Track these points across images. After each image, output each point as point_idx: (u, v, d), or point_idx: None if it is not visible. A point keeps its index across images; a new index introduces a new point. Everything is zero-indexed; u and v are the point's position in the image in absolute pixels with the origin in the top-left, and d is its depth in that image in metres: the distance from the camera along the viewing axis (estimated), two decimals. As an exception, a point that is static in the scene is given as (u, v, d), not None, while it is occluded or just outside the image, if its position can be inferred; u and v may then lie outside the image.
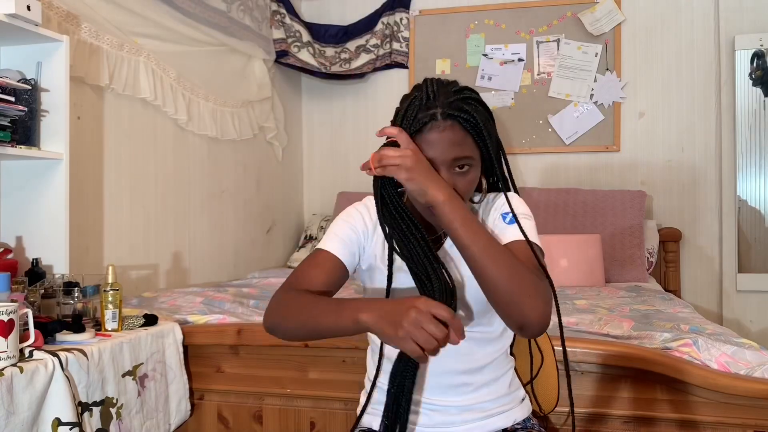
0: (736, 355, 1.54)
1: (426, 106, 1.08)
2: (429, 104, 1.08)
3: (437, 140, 1.08)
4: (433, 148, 1.08)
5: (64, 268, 1.85)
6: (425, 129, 1.08)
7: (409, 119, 1.09)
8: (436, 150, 1.08)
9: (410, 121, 1.09)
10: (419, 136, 1.09)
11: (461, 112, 1.08)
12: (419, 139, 1.09)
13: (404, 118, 1.10)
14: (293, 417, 1.82)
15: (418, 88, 1.12)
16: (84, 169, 2.21)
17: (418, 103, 1.09)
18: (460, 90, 1.11)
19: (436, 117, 1.07)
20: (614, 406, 1.58)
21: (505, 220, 1.14)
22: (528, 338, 1.08)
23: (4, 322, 1.27)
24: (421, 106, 1.09)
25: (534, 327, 1.01)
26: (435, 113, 1.08)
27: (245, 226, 3.37)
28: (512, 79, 3.64)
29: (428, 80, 1.13)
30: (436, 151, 1.08)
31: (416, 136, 1.09)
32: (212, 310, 2.09)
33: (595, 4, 3.52)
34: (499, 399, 1.19)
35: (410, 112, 1.09)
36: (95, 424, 1.44)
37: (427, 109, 1.08)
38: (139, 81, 2.47)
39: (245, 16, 3.28)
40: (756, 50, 3.29)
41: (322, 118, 3.98)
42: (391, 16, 3.78)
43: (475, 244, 1.02)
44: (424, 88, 1.11)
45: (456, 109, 1.07)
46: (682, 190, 3.45)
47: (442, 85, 1.11)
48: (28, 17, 1.71)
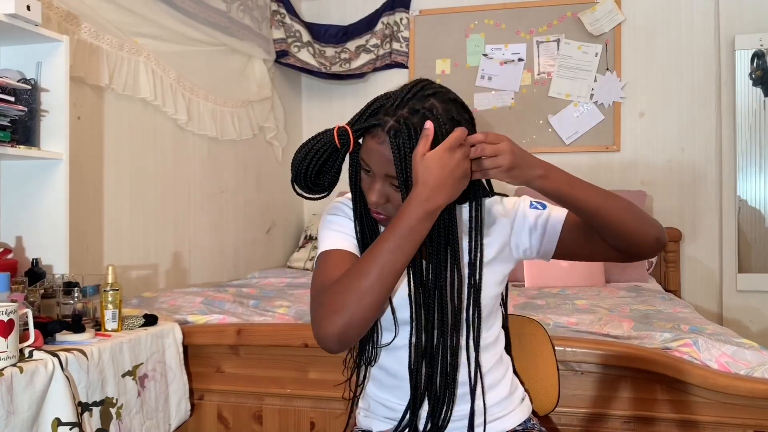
0: (736, 355, 1.54)
1: (386, 110, 1.02)
2: (388, 110, 1.02)
3: (375, 150, 1.03)
4: (369, 157, 1.04)
5: (64, 268, 1.85)
6: (371, 131, 1.03)
7: (365, 116, 1.04)
8: (371, 159, 1.04)
9: (365, 118, 1.04)
10: (365, 137, 1.05)
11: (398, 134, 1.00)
12: (364, 140, 1.05)
13: (363, 112, 1.04)
14: (293, 417, 1.82)
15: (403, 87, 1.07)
16: (84, 169, 2.21)
17: (382, 102, 1.04)
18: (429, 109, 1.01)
19: (383, 125, 1.01)
20: (614, 406, 1.58)
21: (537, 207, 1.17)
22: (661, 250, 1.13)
23: (4, 322, 1.27)
24: (382, 108, 1.03)
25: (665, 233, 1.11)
26: (385, 121, 1.01)
27: (245, 226, 3.37)
28: (512, 79, 3.64)
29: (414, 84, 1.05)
30: (371, 160, 1.04)
31: (365, 137, 1.05)
32: (212, 310, 2.09)
33: (595, 4, 3.51)
34: (501, 403, 1.18)
35: (370, 109, 1.04)
36: (95, 424, 1.44)
37: (384, 113, 1.02)
38: (139, 81, 2.47)
39: (245, 16, 3.28)
40: (756, 50, 3.29)
41: (322, 118, 3.98)
42: (391, 16, 3.78)
43: (590, 196, 1.06)
44: (400, 92, 1.04)
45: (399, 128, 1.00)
46: (682, 190, 3.45)
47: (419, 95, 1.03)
48: (28, 17, 1.71)
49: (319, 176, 1.07)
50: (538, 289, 2.78)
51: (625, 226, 1.07)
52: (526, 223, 1.16)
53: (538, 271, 2.95)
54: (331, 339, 0.97)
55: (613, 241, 1.10)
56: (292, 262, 3.62)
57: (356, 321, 0.96)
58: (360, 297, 0.96)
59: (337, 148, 1.04)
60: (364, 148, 1.06)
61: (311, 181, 1.07)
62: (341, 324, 0.96)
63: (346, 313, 0.96)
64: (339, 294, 0.98)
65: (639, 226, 1.08)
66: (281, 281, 2.98)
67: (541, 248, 1.17)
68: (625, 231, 1.07)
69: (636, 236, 1.08)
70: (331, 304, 0.98)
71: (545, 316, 1.88)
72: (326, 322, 0.97)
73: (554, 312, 2.00)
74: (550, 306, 2.16)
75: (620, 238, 1.08)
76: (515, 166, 1.01)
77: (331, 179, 1.09)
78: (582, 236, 1.14)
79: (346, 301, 0.96)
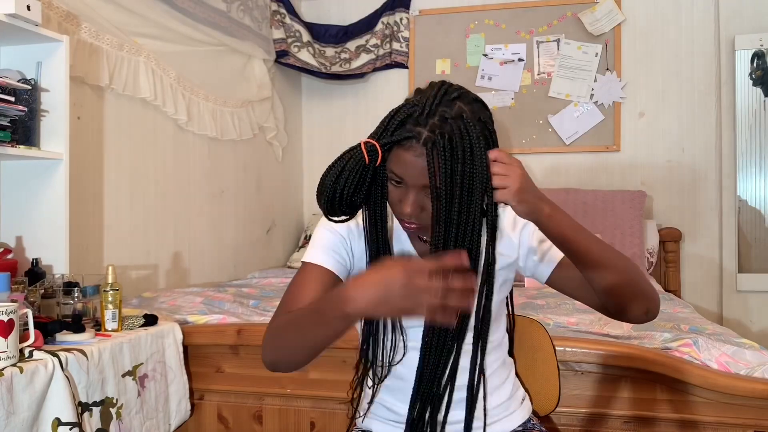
0: (736, 355, 1.54)
1: (415, 120, 0.98)
2: (419, 120, 0.98)
3: (411, 163, 0.99)
4: (405, 169, 1.00)
5: (64, 268, 1.85)
6: (404, 144, 0.99)
7: (392, 128, 0.99)
8: (407, 172, 1.00)
9: (392, 130, 0.99)
10: (396, 149, 1.00)
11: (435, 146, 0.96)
12: (395, 152, 1.00)
13: (388, 124, 1.00)
14: (293, 417, 1.82)
15: (420, 92, 1.04)
16: (84, 169, 2.21)
17: (408, 112, 0.99)
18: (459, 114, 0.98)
19: (418, 138, 0.98)
20: (614, 406, 1.58)
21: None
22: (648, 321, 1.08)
23: (4, 322, 1.27)
24: (410, 118, 0.99)
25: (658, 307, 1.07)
26: (419, 133, 0.97)
27: (245, 226, 3.37)
28: (512, 79, 3.64)
29: (433, 89, 1.01)
30: (407, 173, 1.00)
31: (394, 148, 1.00)
32: (212, 310, 2.09)
33: (595, 4, 3.51)
34: (502, 405, 1.18)
35: (396, 120, 0.99)
36: (95, 424, 1.44)
37: (414, 124, 0.98)
38: (139, 81, 2.47)
39: (245, 16, 3.28)
40: (756, 50, 3.29)
41: (322, 118, 3.97)
42: (391, 16, 3.78)
43: (591, 248, 1.01)
44: (423, 99, 1.00)
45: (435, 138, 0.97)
46: (682, 190, 3.45)
47: (445, 100, 0.99)
48: (28, 17, 1.71)
49: (352, 197, 1.02)
50: (538, 289, 2.78)
51: (617, 289, 1.03)
52: (528, 242, 1.16)
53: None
54: (266, 363, 1.07)
55: (602, 298, 1.06)
56: (292, 262, 3.62)
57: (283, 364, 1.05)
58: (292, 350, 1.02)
59: (365, 165, 1.00)
60: (396, 161, 1.01)
61: (347, 204, 1.02)
62: (272, 357, 1.05)
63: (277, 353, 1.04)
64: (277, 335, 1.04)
65: (633, 293, 1.03)
66: (281, 281, 2.98)
67: (533, 272, 1.17)
68: (616, 293, 1.03)
69: (626, 302, 1.04)
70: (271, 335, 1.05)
71: (545, 316, 1.88)
72: (265, 348, 1.06)
73: (554, 312, 2.00)
74: (550, 306, 2.16)
75: (609, 298, 1.05)
76: (524, 191, 0.97)
77: (363, 197, 1.04)
78: (576, 280, 1.10)
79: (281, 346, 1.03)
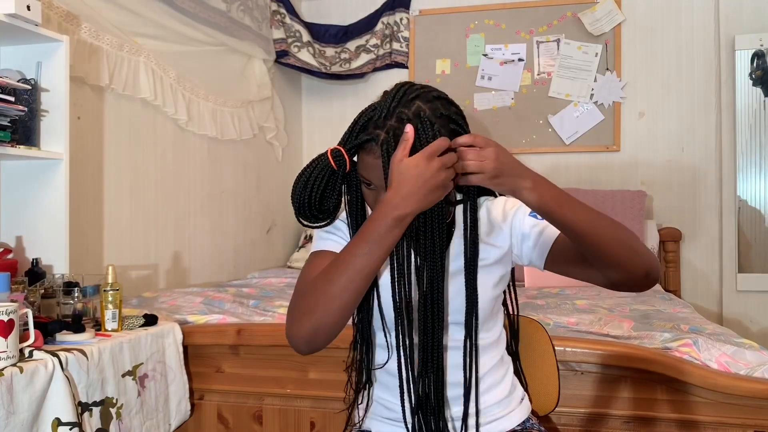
0: (736, 355, 1.54)
1: (375, 123, 1.00)
2: (377, 123, 1.00)
3: (373, 165, 1.01)
4: (369, 172, 1.02)
5: (64, 268, 1.85)
6: (366, 147, 1.01)
7: (356, 132, 1.01)
8: (371, 174, 1.02)
9: (356, 134, 1.01)
10: (360, 153, 1.02)
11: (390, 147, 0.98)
12: (360, 156, 1.03)
13: (353, 129, 1.02)
14: (293, 417, 1.82)
15: (384, 95, 1.04)
16: (84, 169, 2.21)
17: (369, 115, 1.01)
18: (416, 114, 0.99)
19: (377, 140, 0.99)
20: (614, 406, 1.58)
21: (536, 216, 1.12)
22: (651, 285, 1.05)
23: (4, 322, 1.27)
24: (370, 121, 1.01)
25: (658, 268, 1.04)
26: (378, 135, 0.99)
27: (245, 226, 3.37)
28: (512, 79, 3.64)
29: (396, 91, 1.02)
30: (371, 175, 1.02)
31: (359, 152, 1.03)
32: (212, 310, 2.09)
33: (595, 4, 3.52)
34: (500, 403, 1.18)
35: (359, 124, 1.01)
36: (95, 424, 1.44)
37: (374, 127, 1.00)
38: (139, 81, 2.47)
39: (245, 16, 3.28)
40: (756, 50, 3.29)
41: (322, 118, 3.97)
42: (391, 16, 3.78)
43: (580, 216, 0.99)
44: (384, 101, 1.01)
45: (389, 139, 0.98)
46: (682, 190, 3.45)
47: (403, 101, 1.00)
48: (27, 17, 1.71)
49: (322, 202, 1.05)
50: (538, 289, 2.78)
51: (613, 256, 1.00)
52: (520, 229, 1.14)
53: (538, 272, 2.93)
54: (300, 341, 1.01)
55: (601, 269, 1.04)
56: (292, 262, 3.62)
57: (324, 324, 0.98)
58: (328, 301, 0.97)
59: (334, 171, 1.02)
60: (361, 164, 1.04)
61: (316, 209, 1.05)
62: (309, 326, 0.99)
63: (315, 316, 0.98)
64: (309, 297, 1.00)
65: (629, 257, 1.01)
66: (281, 281, 2.98)
67: (529, 258, 1.15)
68: (613, 261, 1.01)
69: (624, 268, 1.01)
70: (301, 306, 1.01)
71: (545, 316, 1.88)
72: (297, 323, 1.00)
73: (554, 312, 2.00)
74: (550, 306, 2.16)
75: (607, 267, 1.02)
76: (500, 174, 0.97)
77: (335, 203, 1.07)
78: (573, 257, 1.08)
79: (316, 304, 0.98)
